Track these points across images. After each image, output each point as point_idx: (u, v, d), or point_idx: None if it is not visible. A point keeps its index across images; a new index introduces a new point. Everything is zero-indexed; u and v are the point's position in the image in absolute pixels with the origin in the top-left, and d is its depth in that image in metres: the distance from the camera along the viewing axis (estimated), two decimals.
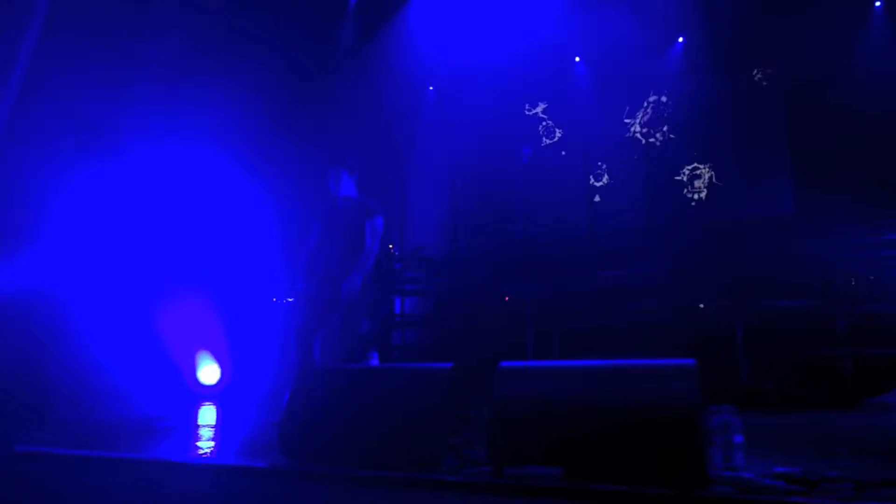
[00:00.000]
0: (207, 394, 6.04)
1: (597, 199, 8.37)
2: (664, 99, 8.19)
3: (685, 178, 7.95)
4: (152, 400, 4.98)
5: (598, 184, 8.40)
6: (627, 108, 8.41)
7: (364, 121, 7.41)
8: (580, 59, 8.30)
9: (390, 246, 6.98)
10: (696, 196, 7.87)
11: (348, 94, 7.39)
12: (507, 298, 6.39)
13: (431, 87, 8.74)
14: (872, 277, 5.52)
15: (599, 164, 8.40)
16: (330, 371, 3.08)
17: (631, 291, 6.21)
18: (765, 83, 7.76)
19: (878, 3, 7.03)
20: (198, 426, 4.31)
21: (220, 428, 4.24)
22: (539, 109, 8.88)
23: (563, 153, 8.60)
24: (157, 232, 5.76)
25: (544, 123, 8.82)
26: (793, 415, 4.36)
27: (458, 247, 8.13)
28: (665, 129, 8.14)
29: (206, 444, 3.47)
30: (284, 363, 5.04)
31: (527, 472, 2.45)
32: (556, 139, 8.73)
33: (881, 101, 6.28)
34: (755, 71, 7.74)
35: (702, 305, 5.58)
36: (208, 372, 6.12)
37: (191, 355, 6.02)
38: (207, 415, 4.94)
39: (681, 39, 7.93)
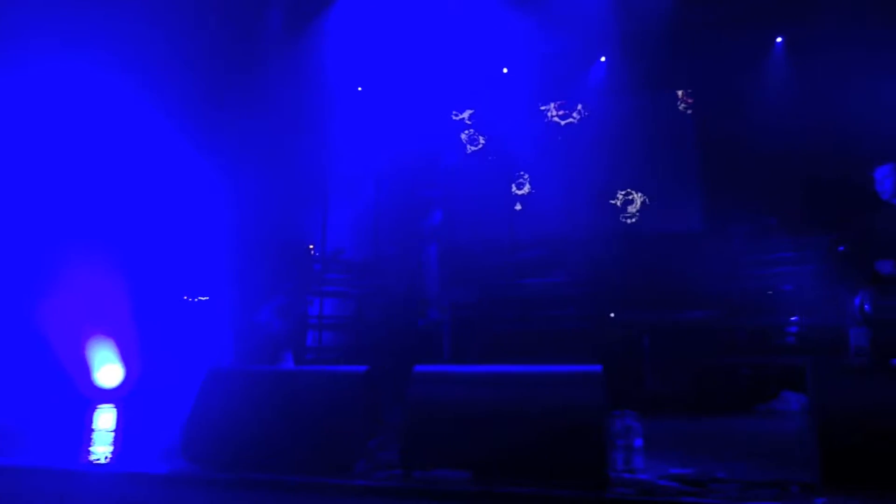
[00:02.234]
0: (107, 397, 5.65)
1: (518, 207, 8.56)
2: (587, 114, 8.49)
3: (607, 191, 8.26)
4: (27, 405, 4.53)
5: (520, 192, 8.60)
6: (551, 119, 8.67)
7: (286, 117, 7.24)
8: (507, 70, 8.48)
9: (311, 247, 6.86)
10: (628, 218, 8.19)
11: (271, 88, 7.20)
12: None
13: (360, 88, 8.66)
14: (771, 292, 5.94)
15: (522, 173, 8.61)
16: (238, 373, 2.98)
17: (549, 299, 6.39)
18: (682, 105, 8.20)
19: (779, 39, 7.59)
20: (91, 431, 4.05)
21: (119, 433, 4.01)
22: (465, 116, 8.99)
23: (488, 160, 8.75)
24: (43, 192, 5.11)
25: (470, 130, 8.95)
26: (690, 419, 4.62)
27: (379, 250, 8.09)
28: (587, 142, 8.43)
29: (100, 450, 3.27)
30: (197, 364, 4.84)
31: (437, 476, 2.47)
32: (480, 146, 8.87)
33: (777, 133, 6.79)
34: (679, 93, 8.16)
35: (612, 315, 5.82)
36: (108, 373, 5.73)
37: (85, 353, 5.53)
38: (104, 419, 4.65)
39: (603, 59, 8.25)
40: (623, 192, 8.20)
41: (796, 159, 6.68)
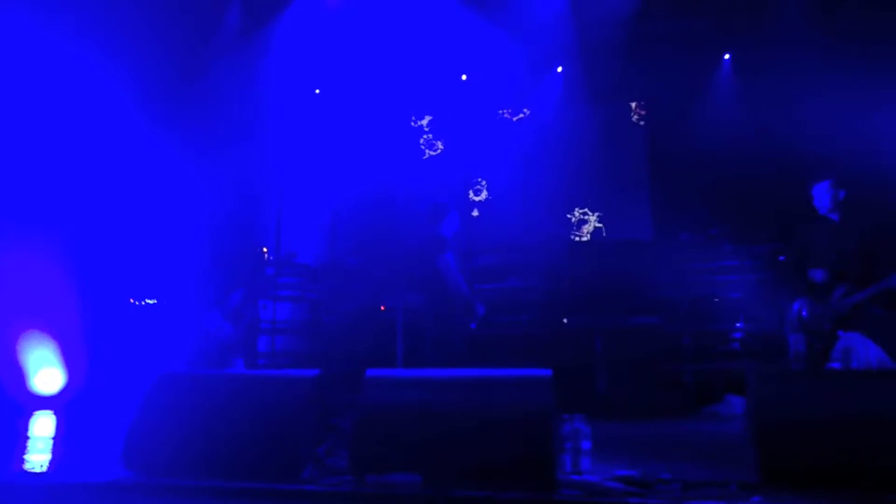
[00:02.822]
0: (45, 403, 5.40)
1: (475, 213, 8.62)
2: (543, 122, 8.62)
3: (562, 202, 8.40)
4: None
5: (477, 198, 8.66)
6: (508, 127, 8.77)
7: (241, 118, 7.12)
8: (466, 77, 8.54)
9: (264, 250, 6.75)
10: (581, 236, 8.33)
11: (227, 87, 7.07)
12: (383, 308, 6.38)
13: (318, 91, 8.59)
14: (717, 299, 6.13)
15: (480, 179, 8.68)
16: (184, 377, 2.90)
17: (504, 305, 6.44)
18: (635, 117, 8.42)
19: (726, 56, 7.88)
20: (26, 439, 3.87)
21: (58, 440, 3.85)
22: (424, 122, 9.02)
23: (445, 167, 8.80)
24: None
25: (428, 135, 8.98)
26: (639, 422, 4.73)
27: (336, 254, 8.02)
28: (543, 151, 8.56)
29: (36, 459, 3.13)
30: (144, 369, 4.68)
31: (388, 481, 2.45)
32: (438, 152, 8.91)
33: (723, 146, 7.05)
34: (633, 105, 8.37)
35: (565, 320, 5.90)
36: (47, 377, 5.47)
37: (20, 355, 5.21)
38: (41, 426, 4.46)
39: (560, 69, 8.40)
40: (580, 211, 8.36)
41: (741, 172, 6.94)
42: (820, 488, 2.27)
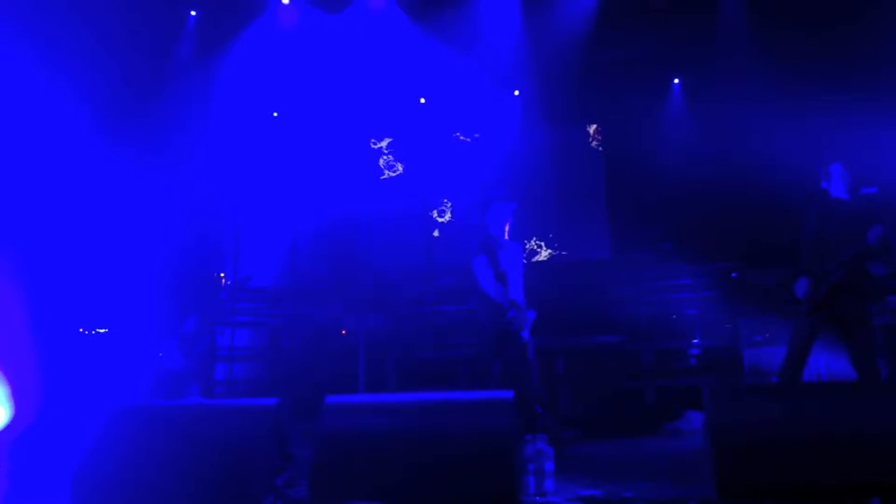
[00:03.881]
0: None
1: (436, 234, 8.64)
2: (502, 146, 8.74)
3: (522, 221, 8.47)
4: None
5: (441, 219, 8.69)
6: (467, 150, 8.86)
7: (196, 140, 7.01)
8: (425, 100, 8.62)
9: (221, 275, 6.60)
10: (536, 257, 8.43)
11: (182, 112, 6.96)
12: (344, 332, 6.30)
13: (276, 114, 8.53)
14: (675, 317, 6.26)
15: (445, 200, 8.72)
16: (136, 409, 2.80)
17: (468, 326, 6.44)
18: (593, 142, 8.61)
19: (675, 81, 8.16)
20: None
21: (4, 477, 3.64)
22: (384, 144, 9.04)
23: (405, 189, 8.81)
24: None
25: (388, 156, 8.99)
26: (602, 441, 4.75)
27: (296, 278, 7.91)
28: (502, 174, 8.66)
29: None
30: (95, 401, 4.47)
31: None
32: (398, 173, 8.93)
33: (676, 167, 7.27)
34: (591, 129, 8.56)
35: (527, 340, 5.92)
36: None
37: None
38: None
39: (517, 92, 8.55)
40: (536, 241, 8.46)
41: (694, 192, 7.15)
42: (778, 501, 2.32)
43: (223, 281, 6.60)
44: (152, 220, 6.30)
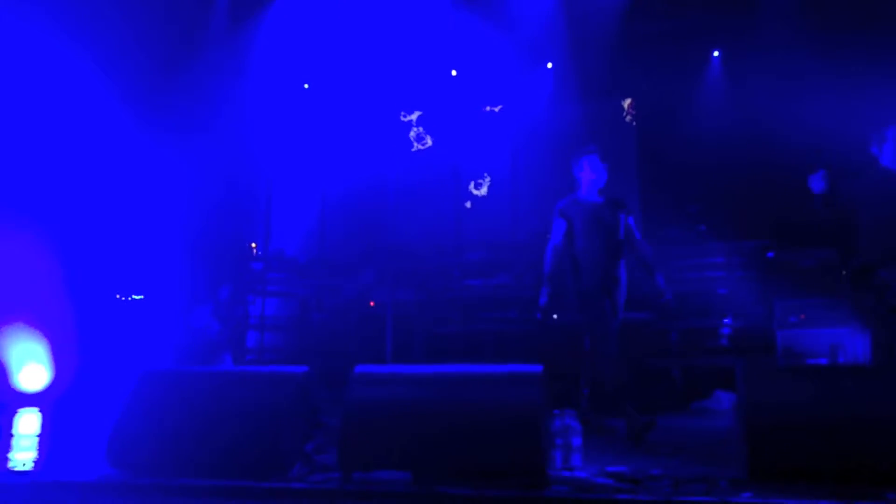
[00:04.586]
0: (30, 400, 5.31)
1: (468, 205, 8.60)
2: (534, 119, 8.60)
3: (552, 197, 8.38)
4: None
5: (475, 192, 8.65)
6: (498, 123, 8.75)
7: (229, 112, 7.05)
8: (456, 72, 8.51)
9: (253, 245, 6.69)
10: None
11: (214, 81, 6.99)
12: (372, 304, 6.36)
13: (307, 85, 8.53)
14: (706, 295, 6.15)
15: (470, 176, 8.66)
16: (170, 374, 2.87)
17: (494, 301, 6.44)
18: (626, 116, 8.42)
19: (715, 53, 7.90)
20: (10, 436, 3.81)
21: (43, 438, 3.79)
22: (414, 117, 8.98)
23: (435, 162, 8.77)
24: None
25: (419, 129, 8.94)
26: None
27: (325, 250, 7.97)
28: (533, 149, 8.55)
29: (20, 457, 3.08)
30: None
31: (376, 478, 2.43)
32: (427, 146, 8.88)
33: (710, 143, 7.07)
34: (625, 103, 8.36)
35: (555, 316, 5.89)
36: (32, 374, 5.38)
37: (3, 350, 5.11)
38: (26, 423, 4.39)
39: (550, 65, 8.39)
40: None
41: (730, 169, 6.96)
42: (810, 484, 2.28)
43: (255, 251, 6.70)
44: (186, 190, 6.39)
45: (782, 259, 5.97)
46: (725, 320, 6.08)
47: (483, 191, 8.63)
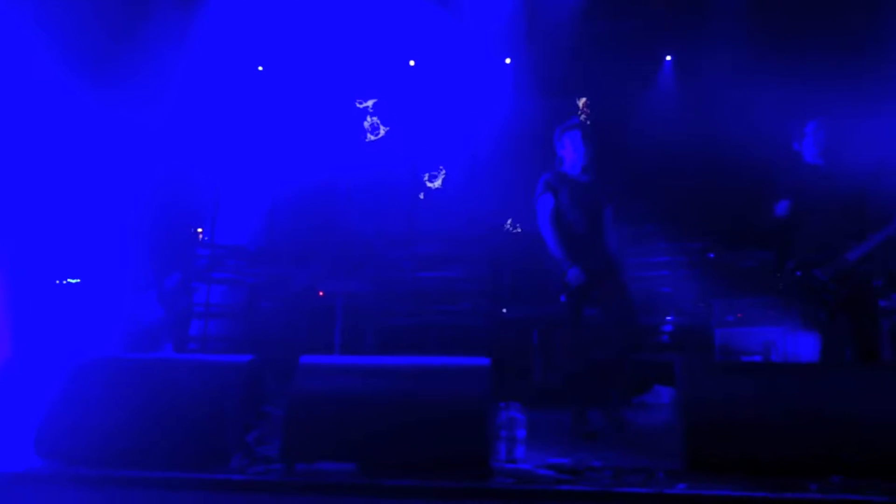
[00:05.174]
0: None
1: (421, 196, 8.58)
2: (491, 114, 8.63)
3: (506, 191, 8.44)
4: None
5: (430, 185, 8.63)
6: (455, 116, 8.75)
7: (177, 90, 6.80)
8: (415, 62, 8.46)
9: (199, 230, 6.50)
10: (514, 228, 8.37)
11: (166, 58, 6.74)
12: (322, 294, 6.28)
13: (261, 68, 8.32)
14: (650, 293, 6.32)
15: (425, 168, 8.64)
16: (107, 362, 2.76)
17: (446, 293, 6.46)
18: (581, 114, 8.54)
19: (668, 56, 8.11)
20: None
21: None
22: (369, 104, 8.88)
23: (389, 152, 8.71)
24: None
25: (374, 118, 8.85)
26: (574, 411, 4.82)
27: (275, 238, 7.82)
28: (489, 143, 8.58)
29: None
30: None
31: (320, 469, 2.41)
32: (381, 135, 8.81)
33: (659, 144, 7.26)
34: (580, 100, 8.47)
35: (504, 310, 5.97)
36: None
37: None
38: None
39: (508, 60, 8.43)
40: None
41: (678, 170, 7.17)
42: (742, 476, 2.37)
43: (201, 237, 6.51)
44: (130, 170, 6.14)
45: (722, 260, 6.21)
46: (668, 318, 6.28)
47: (437, 183, 8.62)
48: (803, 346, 5.25)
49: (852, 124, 3.92)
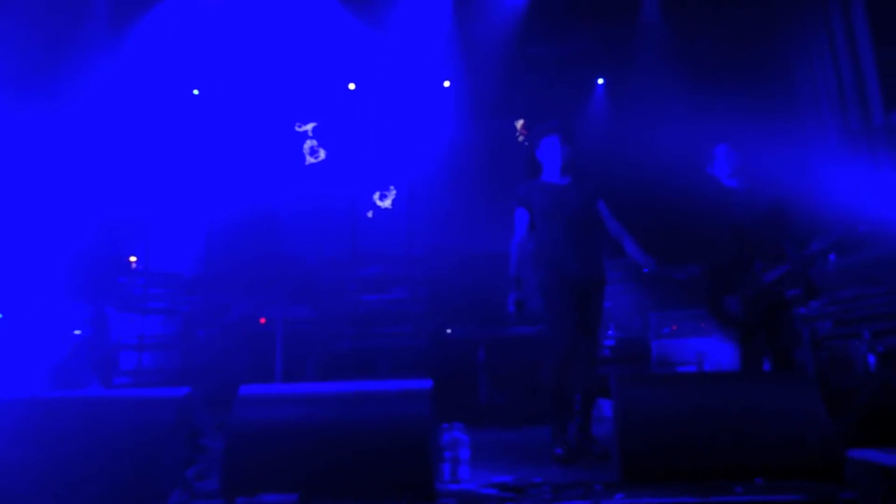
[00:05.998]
0: None
1: (369, 215, 8.57)
2: (431, 136, 8.74)
3: (449, 212, 8.54)
4: None
5: (371, 207, 8.63)
6: (395, 138, 8.82)
7: (113, 114, 6.60)
8: (355, 86, 8.50)
9: (132, 259, 6.28)
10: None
11: (97, 80, 6.52)
12: (263, 321, 6.15)
13: (197, 91, 8.17)
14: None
15: (366, 191, 8.65)
16: (27, 402, 2.62)
17: (389, 316, 6.44)
18: (519, 136, 8.75)
19: (600, 81, 8.45)
20: None
21: None
22: (309, 128, 8.85)
23: (329, 175, 8.69)
24: None
25: (312, 142, 8.81)
26: (518, 429, 4.89)
27: (213, 264, 7.63)
28: (431, 165, 8.67)
29: None
30: None
31: (261, 501, 2.36)
32: (321, 159, 8.77)
33: (594, 165, 7.50)
34: (518, 122, 8.68)
35: (449, 331, 6.00)
36: None
37: None
38: None
39: (447, 83, 8.58)
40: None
41: (611, 188, 7.42)
42: (676, 483, 2.46)
43: (133, 265, 6.28)
44: (58, 195, 5.89)
45: (657, 273, 6.44)
46: (609, 332, 6.46)
47: (388, 202, 8.65)
48: (733, 355, 5.51)
49: (761, 150, 4.19)
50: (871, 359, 4.39)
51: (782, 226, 3.78)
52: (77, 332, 4.32)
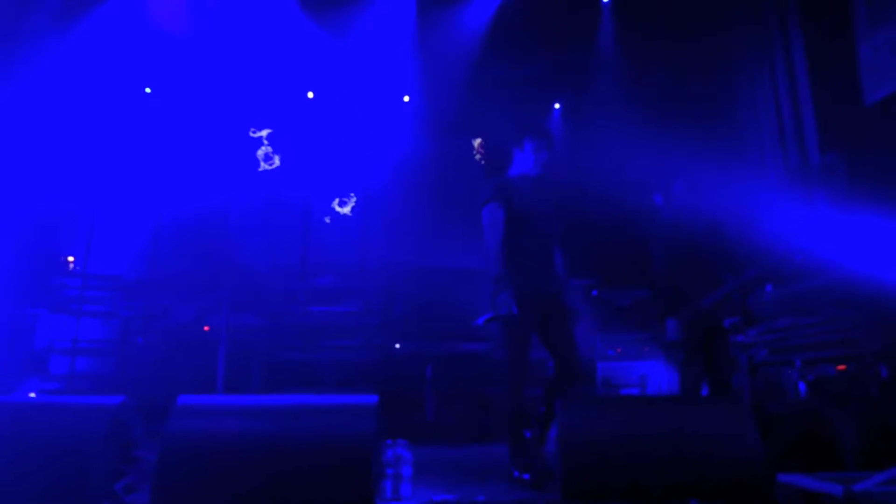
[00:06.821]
0: None
1: (327, 221, 8.46)
2: (389, 150, 8.74)
3: (403, 226, 8.52)
4: None
5: (329, 213, 8.53)
6: (352, 149, 8.78)
7: (53, 109, 6.34)
8: (313, 95, 8.44)
9: (70, 258, 6.01)
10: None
11: (36, 74, 6.26)
12: (207, 328, 5.98)
13: (148, 90, 7.94)
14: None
15: (323, 198, 8.56)
16: None
17: (338, 328, 6.36)
18: (476, 154, 8.83)
19: (557, 105, 8.64)
20: None
21: None
22: (263, 134, 8.72)
23: (282, 183, 8.57)
24: None
25: (267, 148, 8.68)
26: (465, 447, 4.88)
27: (157, 268, 7.38)
28: (387, 178, 8.66)
29: None
30: None
31: None
32: (275, 166, 8.65)
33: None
34: (475, 141, 8.76)
35: (398, 346, 5.97)
36: None
37: None
38: None
39: (407, 98, 8.61)
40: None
41: (563, 212, 7.56)
42: (615, 502, 2.50)
43: (71, 265, 6.02)
44: None
45: (604, 297, 6.59)
46: None
47: (347, 209, 8.56)
48: (674, 378, 5.66)
49: (707, 179, 4.38)
50: (802, 386, 4.60)
51: (720, 252, 3.94)
52: None
